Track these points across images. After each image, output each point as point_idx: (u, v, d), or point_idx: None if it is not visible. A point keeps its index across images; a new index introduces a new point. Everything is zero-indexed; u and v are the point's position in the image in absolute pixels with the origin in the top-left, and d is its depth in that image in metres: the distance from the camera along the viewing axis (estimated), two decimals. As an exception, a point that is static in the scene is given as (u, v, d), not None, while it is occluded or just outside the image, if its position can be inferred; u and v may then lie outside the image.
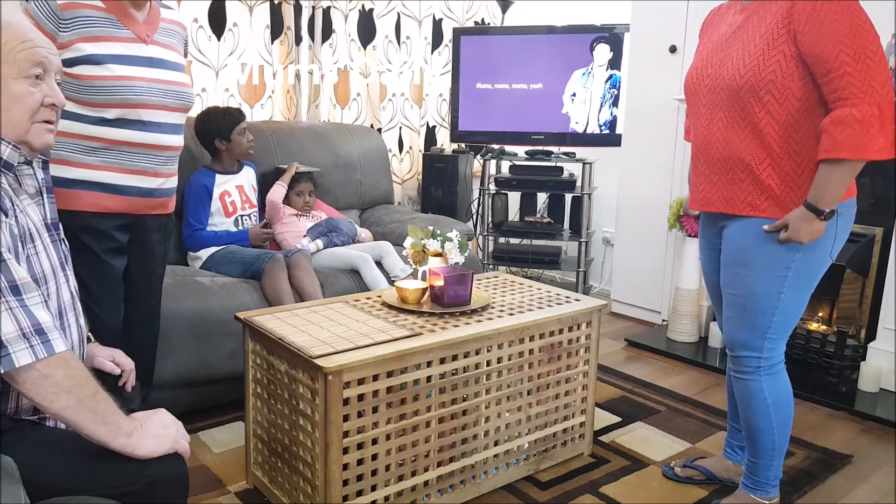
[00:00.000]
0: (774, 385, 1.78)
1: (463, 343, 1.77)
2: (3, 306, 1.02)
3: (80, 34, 1.72)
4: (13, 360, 1.02)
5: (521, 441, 1.99)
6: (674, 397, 2.68)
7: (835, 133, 1.54)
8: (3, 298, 1.03)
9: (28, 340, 1.04)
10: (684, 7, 3.30)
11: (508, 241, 4.08)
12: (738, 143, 1.69)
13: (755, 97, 1.64)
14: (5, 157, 1.12)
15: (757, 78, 1.62)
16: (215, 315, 2.29)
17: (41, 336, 1.05)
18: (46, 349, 1.05)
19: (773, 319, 1.73)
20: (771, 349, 1.76)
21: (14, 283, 1.05)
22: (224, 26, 3.24)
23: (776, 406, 1.78)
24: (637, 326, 3.60)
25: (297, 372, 1.66)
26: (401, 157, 4.08)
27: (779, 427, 1.79)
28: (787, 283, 1.69)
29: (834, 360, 2.75)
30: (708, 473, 2.04)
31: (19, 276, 1.06)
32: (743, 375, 1.80)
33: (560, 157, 3.88)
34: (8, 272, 1.04)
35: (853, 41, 1.51)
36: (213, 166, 2.73)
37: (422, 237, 2.08)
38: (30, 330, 1.04)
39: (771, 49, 1.61)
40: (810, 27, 1.55)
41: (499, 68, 3.83)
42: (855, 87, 1.52)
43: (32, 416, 1.20)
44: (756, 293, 1.72)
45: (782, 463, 1.85)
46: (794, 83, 1.60)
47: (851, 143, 1.53)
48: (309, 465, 1.66)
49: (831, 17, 1.53)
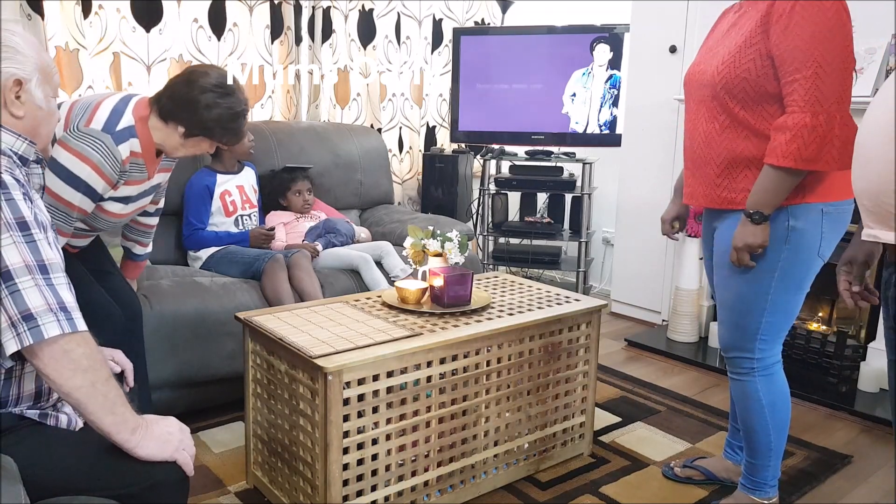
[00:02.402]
0: (770, 386, 1.78)
1: (463, 343, 1.77)
2: (32, 282, 1.06)
3: (126, 179, 1.85)
4: (42, 331, 1.05)
5: (521, 441, 1.99)
6: (674, 397, 2.68)
7: (773, 137, 1.58)
8: (32, 275, 1.06)
9: (56, 315, 1.07)
10: (684, 7, 3.30)
11: (508, 241, 4.08)
12: (716, 137, 1.71)
13: (730, 94, 1.66)
14: (21, 151, 1.19)
15: (732, 75, 1.64)
16: (215, 315, 2.29)
17: (65, 313, 1.08)
18: (70, 326, 1.08)
19: (763, 321, 1.73)
20: (763, 350, 1.76)
21: (42, 262, 1.08)
22: (224, 26, 3.24)
23: (772, 407, 1.78)
24: (637, 326, 3.60)
25: (297, 372, 1.66)
26: (401, 157, 4.08)
27: (775, 428, 1.79)
28: (775, 283, 1.69)
29: (834, 360, 2.75)
30: (708, 474, 2.04)
31: (47, 257, 1.09)
32: (738, 377, 1.81)
33: (560, 157, 3.87)
34: (37, 251, 1.08)
35: (812, 49, 1.51)
36: (214, 166, 2.74)
37: (422, 237, 2.08)
38: (56, 306, 1.07)
39: (748, 47, 1.62)
40: (779, 28, 1.56)
41: (499, 68, 3.83)
42: (798, 95, 1.54)
43: (33, 406, 1.19)
44: (743, 294, 1.73)
45: (780, 463, 1.85)
46: (769, 82, 1.61)
47: (779, 149, 1.56)
48: (309, 465, 1.66)
49: (799, 22, 1.53)
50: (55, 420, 1.21)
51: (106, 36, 2.92)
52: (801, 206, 1.64)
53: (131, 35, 2.98)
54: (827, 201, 1.64)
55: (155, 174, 1.95)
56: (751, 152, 1.66)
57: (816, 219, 1.64)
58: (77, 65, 2.83)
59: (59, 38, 2.76)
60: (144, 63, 3.03)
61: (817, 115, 1.52)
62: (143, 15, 2.99)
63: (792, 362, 2.92)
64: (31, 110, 1.20)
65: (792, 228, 1.64)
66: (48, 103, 1.23)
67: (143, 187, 1.93)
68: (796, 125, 1.53)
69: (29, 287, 1.05)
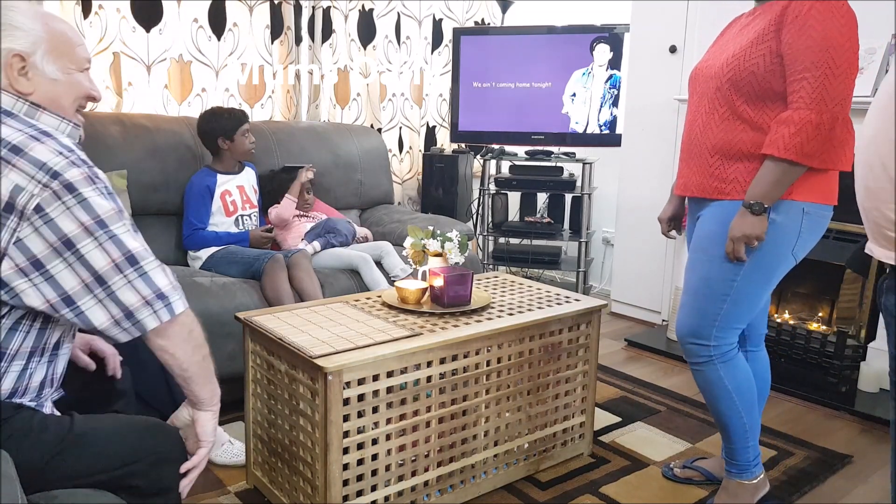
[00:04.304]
0: (731, 371, 1.80)
1: (463, 343, 1.77)
2: (155, 262, 1.13)
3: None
4: (174, 308, 1.14)
5: (521, 441, 1.99)
6: (674, 397, 2.68)
7: (774, 130, 1.61)
8: (151, 256, 1.13)
9: (178, 292, 1.16)
10: (684, 7, 3.30)
11: (508, 241, 4.08)
12: (713, 127, 1.74)
13: (735, 88, 1.69)
14: (67, 133, 1.19)
15: (739, 69, 1.67)
16: (215, 315, 2.29)
17: (181, 292, 1.17)
18: (186, 303, 1.17)
19: (723, 308, 1.75)
20: (719, 338, 1.78)
21: (148, 248, 1.14)
22: (224, 26, 3.24)
23: (737, 390, 1.81)
24: (637, 326, 3.60)
25: (297, 372, 1.66)
26: (401, 157, 4.08)
27: (745, 409, 1.82)
28: (743, 272, 1.72)
29: (834, 360, 2.75)
30: (707, 474, 2.05)
31: (143, 244, 1.14)
32: (697, 366, 1.83)
33: (560, 157, 3.88)
34: (140, 237, 1.14)
35: (822, 52, 1.55)
36: (215, 166, 2.73)
37: (422, 237, 2.08)
38: (173, 285, 1.15)
39: (759, 44, 1.65)
40: (792, 28, 1.59)
41: (499, 68, 3.83)
42: (805, 93, 1.57)
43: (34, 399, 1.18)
44: (709, 278, 1.76)
45: (758, 441, 1.88)
46: (775, 79, 1.64)
47: (781, 142, 1.59)
48: (309, 465, 1.66)
49: (812, 24, 1.56)
50: (50, 407, 1.21)
51: (106, 36, 2.92)
52: (784, 202, 1.67)
53: (131, 35, 2.98)
54: (810, 201, 1.67)
55: None
56: (745, 145, 1.69)
57: (797, 216, 1.67)
58: (77, 65, 2.83)
59: (59, 38, 2.76)
60: (144, 63, 3.03)
61: (822, 113, 1.55)
62: (143, 15, 2.99)
63: (792, 362, 2.93)
64: (43, 84, 1.15)
65: (772, 221, 1.67)
66: (67, 75, 1.18)
67: None
68: (802, 120, 1.57)
69: (153, 268, 1.12)
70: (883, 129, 1.25)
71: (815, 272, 2.85)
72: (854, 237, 2.65)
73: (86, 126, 2.78)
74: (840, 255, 2.68)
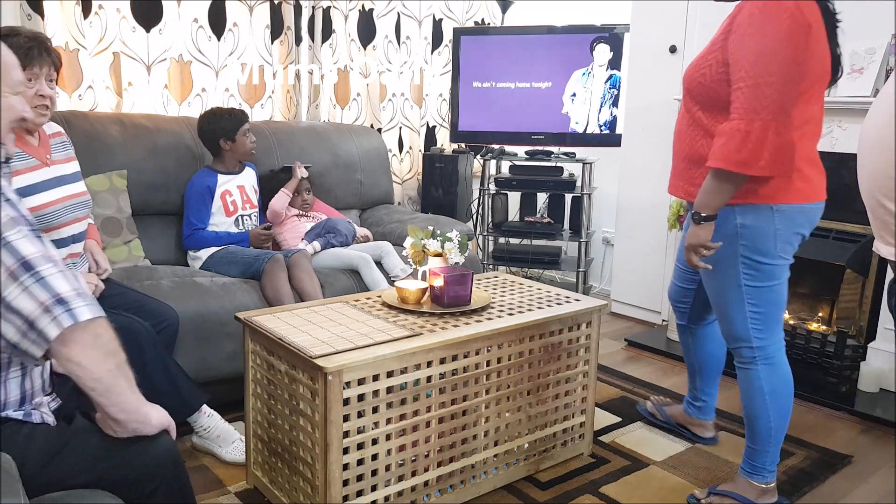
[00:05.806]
0: (771, 375, 1.82)
1: (463, 343, 1.77)
2: (56, 268, 1.03)
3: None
4: (76, 314, 1.01)
5: (521, 441, 1.99)
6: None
7: (715, 141, 1.64)
8: (51, 262, 1.03)
9: (83, 298, 1.04)
10: (684, 7, 3.30)
11: (508, 241, 4.08)
12: (683, 133, 1.80)
13: (691, 95, 1.76)
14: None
15: (692, 76, 1.73)
16: (215, 315, 2.29)
17: (88, 298, 1.05)
18: (97, 310, 1.05)
19: (748, 310, 1.78)
20: (761, 339, 1.80)
21: (49, 254, 1.05)
22: (224, 26, 3.24)
23: (773, 395, 1.82)
24: (637, 326, 3.60)
25: (297, 372, 1.66)
26: (401, 157, 4.08)
27: (775, 416, 1.83)
28: (743, 278, 1.75)
29: (834, 360, 2.75)
30: (666, 419, 2.34)
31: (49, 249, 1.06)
32: (742, 365, 1.86)
33: (560, 157, 3.87)
34: (42, 243, 1.05)
35: (756, 62, 1.56)
36: (215, 166, 2.73)
37: (422, 237, 2.08)
38: (78, 291, 1.04)
39: (710, 52, 1.69)
40: (734, 37, 1.62)
41: (499, 68, 3.83)
42: (739, 103, 1.59)
43: (18, 410, 1.17)
44: (718, 288, 1.81)
45: (779, 451, 1.89)
46: (722, 87, 1.66)
47: (716, 152, 1.62)
48: (309, 465, 1.66)
49: (750, 32, 1.58)
50: (39, 417, 1.19)
51: (106, 36, 2.92)
52: (747, 205, 1.70)
53: (131, 35, 2.98)
54: (775, 203, 1.68)
55: (49, 154, 1.91)
56: (704, 152, 1.72)
57: (767, 216, 1.69)
58: (77, 65, 2.83)
59: (59, 38, 2.77)
60: (144, 63, 3.03)
61: (752, 122, 1.57)
62: (143, 15, 2.99)
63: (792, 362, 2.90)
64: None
65: (742, 225, 1.71)
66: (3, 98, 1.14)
67: (42, 175, 1.87)
68: (732, 130, 1.59)
69: (52, 274, 1.02)
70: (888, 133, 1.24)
71: (815, 272, 2.85)
72: (854, 237, 2.65)
73: (86, 126, 2.78)
74: (840, 255, 2.68)
